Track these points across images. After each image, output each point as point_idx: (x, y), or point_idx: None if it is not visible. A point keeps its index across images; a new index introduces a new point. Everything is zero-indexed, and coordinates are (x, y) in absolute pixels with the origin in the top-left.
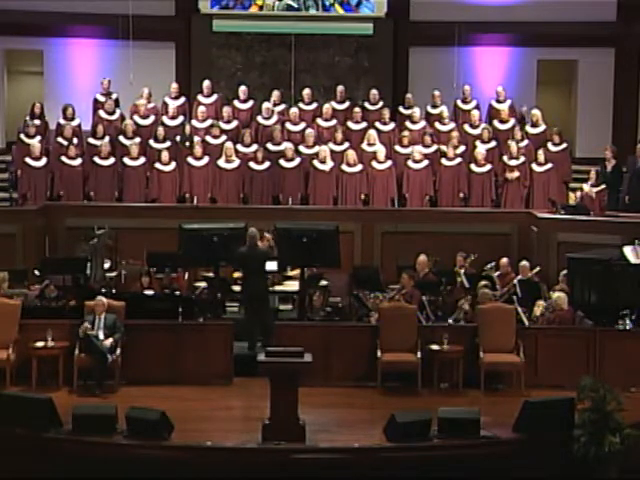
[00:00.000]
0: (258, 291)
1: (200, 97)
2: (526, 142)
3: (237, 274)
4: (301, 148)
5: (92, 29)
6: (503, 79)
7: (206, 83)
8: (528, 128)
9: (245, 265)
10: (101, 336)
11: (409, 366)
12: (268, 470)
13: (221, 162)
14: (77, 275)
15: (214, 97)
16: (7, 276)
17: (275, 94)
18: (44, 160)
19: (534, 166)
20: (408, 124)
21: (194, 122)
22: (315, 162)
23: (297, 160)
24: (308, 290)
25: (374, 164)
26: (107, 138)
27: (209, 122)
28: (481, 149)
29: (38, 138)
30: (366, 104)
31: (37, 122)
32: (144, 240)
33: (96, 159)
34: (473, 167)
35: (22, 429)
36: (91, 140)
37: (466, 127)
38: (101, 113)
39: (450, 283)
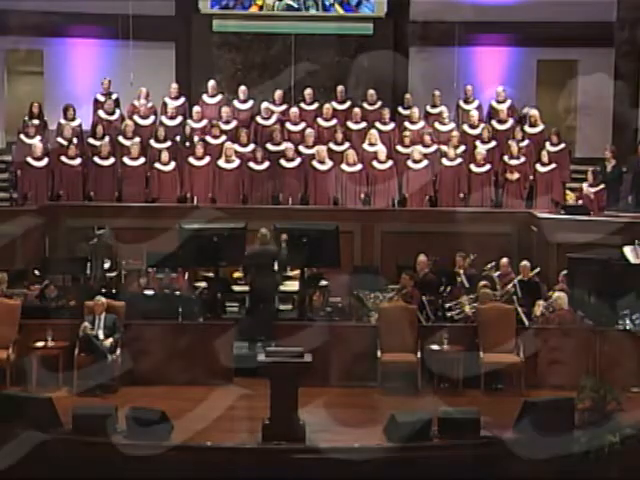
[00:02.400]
0: (265, 291)
1: (205, 97)
2: (527, 142)
3: (237, 274)
4: (301, 148)
5: (92, 29)
6: (503, 79)
7: (211, 83)
8: (526, 128)
9: (254, 264)
10: (101, 336)
11: (409, 366)
12: (268, 470)
13: (221, 162)
14: (77, 275)
15: (218, 97)
16: (6, 277)
17: (277, 94)
18: (45, 160)
19: (538, 166)
20: (407, 124)
21: (190, 122)
22: (314, 162)
23: (297, 160)
24: (308, 290)
25: (375, 164)
26: (107, 138)
27: (205, 122)
28: (481, 149)
29: (38, 138)
30: (364, 104)
31: (36, 122)
32: (144, 240)
33: (96, 159)
34: (473, 167)
35: (22, 429)
36: (91, 140)
37: (466, 127)
38: (101, 113)
39: (450, 283)
